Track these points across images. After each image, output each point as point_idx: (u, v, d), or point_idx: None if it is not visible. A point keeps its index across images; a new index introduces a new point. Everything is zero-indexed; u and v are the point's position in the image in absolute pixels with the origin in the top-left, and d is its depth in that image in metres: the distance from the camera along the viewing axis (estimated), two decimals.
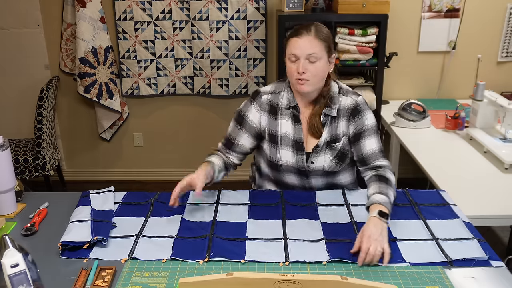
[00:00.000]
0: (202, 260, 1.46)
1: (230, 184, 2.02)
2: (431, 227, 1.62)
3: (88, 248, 1.51)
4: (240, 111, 1.93)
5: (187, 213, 1.73)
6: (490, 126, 2.70)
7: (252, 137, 1.92)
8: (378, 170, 1.79)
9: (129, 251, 1.51)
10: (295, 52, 1.76)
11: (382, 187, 1.68)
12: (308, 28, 1.77)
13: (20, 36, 3.62)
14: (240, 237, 1.58)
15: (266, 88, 1.94)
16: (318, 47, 1.75)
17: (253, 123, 1.91)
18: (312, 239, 1.57)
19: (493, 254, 1.48)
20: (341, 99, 1.86)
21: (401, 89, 3.67)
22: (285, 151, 1.87)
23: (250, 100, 1.93)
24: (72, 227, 1.59)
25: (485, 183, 2.24)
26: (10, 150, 1.70)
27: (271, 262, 1.45)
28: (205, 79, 3.69)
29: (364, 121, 1.84)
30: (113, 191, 1.86)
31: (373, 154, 1.82)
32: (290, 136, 1.87)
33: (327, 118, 1.85)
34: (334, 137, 1.86)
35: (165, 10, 3.52)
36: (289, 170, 1.90)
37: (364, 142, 1.83)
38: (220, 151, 1.96)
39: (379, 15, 3.14)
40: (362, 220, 1.64)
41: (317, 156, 1.86)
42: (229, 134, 1.94)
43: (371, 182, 1.75)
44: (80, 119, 3.86)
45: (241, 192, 1.88)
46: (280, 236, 1.58)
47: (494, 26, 3.52)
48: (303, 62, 1.75)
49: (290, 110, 1.87)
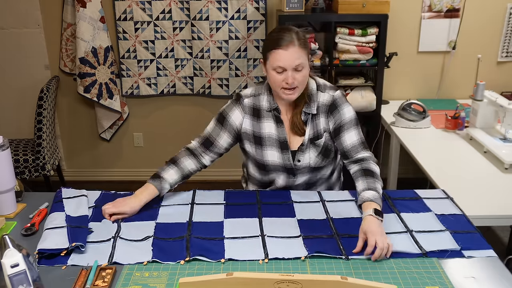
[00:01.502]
0: (183, 261, 1.45)
1: (225, 184, 2.02)
2: (405, 220, 1.66)
3: (66, 255, 1.48)
4: (223, 112, 1.93)
5: (161, 216, 1.71)
6: (490, 126, 2.70)
7: (231, 138, 1.93)
8: (361, 163, 1.82)
9: (108, 255, 1.49)
10: (281, 64, 1.75)
11: (369, 182, 1.72)
12: (292, 38, 1.75)
13: (20, 36, 3.62)
14: (217, 236, 1.58)
15: (246, 92, 1.95)
16: (303, 56, 1.76)
17: (234, 125, 1.92)
18: (290, 235, 1.58)
19: (484, 244, 1.52)
20: (319, 95, 1.89)
21: (401, 89, 3.67)
22: (271, 151, 1.91)
23: (233, 103, 1.94)
24: (47, 235, 1.55)
25: (485, 183, 2.24)
26: (10, 150, 1.70)
27: (251, 260, 1.46)
28: (205, 79, 3.69)
29: (342, 115, 1.87)
30: (86, 196, 1.82)
31: (354, 147, 1.85)
32: (274, 136, 1.90)
33: (307, 116, 1.89)
34: (317, 134, 1.89)
35: (165, 10, 3.52)
36: (276, 169, 1.93)
37: (344, 136, 1.86)
38: (194, 150, 1.93)
39: (379, 15, 3.14)
40: (337, 216, 1.70)
41: (302, 154, 1.90)
42: (209, 134, 1.93)
43: (358, 177, 1.77)
44: (80, 119, 3.87)
45: (216, 192, 1.88)
46: (258, 234, 1.59)
47: (494, 26, 3.52)
48: (291, 73, 1.75)
49: (271, 112, 1.90)
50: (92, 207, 1.77)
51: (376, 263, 1.45)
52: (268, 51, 1.78)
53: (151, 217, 1.71)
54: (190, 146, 1.94)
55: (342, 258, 1.47)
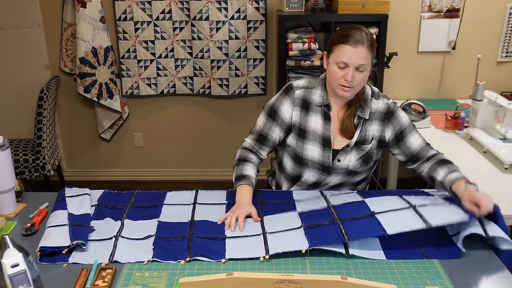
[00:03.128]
0: (183, 260, 1.46)
1: (227, 184, 2.01)
2: (408, 199, 1.67)
3: (67, 253, 1.49)
4: (273, 106, 1.93)
5: (164, 215, 1.72)
6: (490, 126, 2.70)
7: (283, 131, 1.94)
8: (434, 158, 1.85)
9: (109, 254, 1.49)
10: (346, 60, 1.73)
11: (450, 167, 1.77)
12: (362, 37, 1.73)
13: (20, 36, 3.62)
14: (219, 236, 1.58)
15: (299, 83, 1.92)
16: (369, 58, 1.75)
17: (285, 118, 1.91)
18: (290, 228, 1.58)
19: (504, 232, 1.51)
20: (373, 102, 1.88)
21: (401, 89, 3.67)
22: (312, 146, 1.89)
23: (283, 95, 1.92)
24: (49, 232, 1.56)
25: (485, 183, 2.23)
26: (10, 150, 1.70)
27: (251, 258, 1.46)
28: (205, 79, 3.69)
29: (400, 120, 1.88)
30: (89, 194, 1.84)
31: (422, 148, 1.88)
32: (319, 132, 1.88)
33: (360, 120, 1.87)
34: (364, 139, 1.88)
35: (165, 10, 3.52)
36: (313, 165, 1.91)
37: (409, 140, 1.87)
38: (251, 148, 1.96)
39: (379, 15, 3.14)
40: (338, 203, 1.70)
41: (345, 155, 1.88)
42: (261, 129, 1.94)
43: (435, 169, 1.80)
44: (80, 119, 3.87)
45: (218, 192, 1.89)
46: (259, 232, 1.59)
47: (494, 26, 3.52)
48: (352, 71, 1.74)
49: (321, 107, 1.88)
50: (94, 206, 1.78)
51: (376, 263, 1.45)
52: (335, 44, 1.77)
53: (154, 216, 1.71)
54: (246, 146, 1.97)
55: (343, 254, 1.47)
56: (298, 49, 3.23)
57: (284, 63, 3.28)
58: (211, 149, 3.93)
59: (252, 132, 1.98)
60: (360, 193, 1.83)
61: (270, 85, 3.72)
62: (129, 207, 1.77)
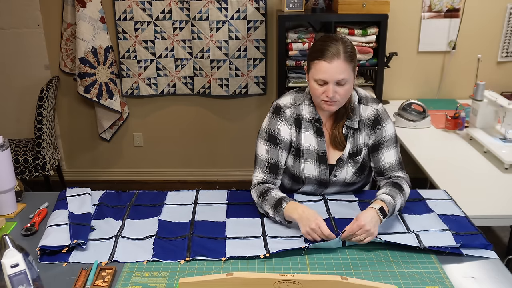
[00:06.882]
0: (183, 260, 1.46)
1: (228, 184, 2.02)
2: (407, 222, 1.67)
3: (67, 252, 1.49)
4: (270, 131, 1.81)
5: (164, 214, 1.73)
6: (490, 126, 2.70)
7: (288, 153, 1.84)
8: (394, 179, 1.77)
9: (109, 253, 1.50)
10: (323, 77, 1.65)
11: (392, 191, 1.67)
12: (337, 50, 1.64)
13: (20, 36, 3.62)
14: (219, 236, 1.59)
15: (285, 101, 1.83)
16: (348, 70, 1.66)
17: (286, 140, 1.81)
18: (292, 235, 1.59)
19: (485, 245, 1.52)
20: (361, 109, 1.80)
21: (401, 89, 3.67)
22: (308, 164, 1.82)
23: (275, 117, 1.81)
24: (50, 232, 1.57)
25: (485, 183, 2.24)
26: (10, 150, 1.70)
27: (251, 256, 1.47)
28: (205, 79, 3.69)
29: (384, 131, 1.80)
30: (90, 194, 1.84)
31: (391, 167, 1.80)
32: (313, 149, 1.81)
33: (349, 130, 1.80)
34: (356, 149, 1.81)
35: (165, 10, 3.52)
36: (310, 182, 1.86)
37: (382, 154, 1.80)
38: (265, 181, 1.81)
39: (379, 15, 3.14)
40: (340, 216, 1.70)
41: (340, 169, 1.82)
42: (269, 159, 1.80)
43: (384, 186, 1.74)
44: (80, 119, 3.87)
45: (219, 192, 1.89)
46: (259, 234, 1.60)
47: (494, 26, 3.52)
48: (332, 86, 1.66)
49: (312, 123, 1.80)
50: (95, 205, 1.78)
51: (376, 263, 1.45)
52: (312, 61, 1.69)
53: (154, 215, 1.72)
54: (259, 181, 1.81)
55: (341, 247, 1.50)
56: (298, 49, 3.23)
57: (284, 63, 3.28)
58: (211, 149, 3.93)
59: (259, 165, 1.82)
60: (361, 204, 1.80)
61: (270, 85, 3.72)
62: (130, 207, 1.78)
